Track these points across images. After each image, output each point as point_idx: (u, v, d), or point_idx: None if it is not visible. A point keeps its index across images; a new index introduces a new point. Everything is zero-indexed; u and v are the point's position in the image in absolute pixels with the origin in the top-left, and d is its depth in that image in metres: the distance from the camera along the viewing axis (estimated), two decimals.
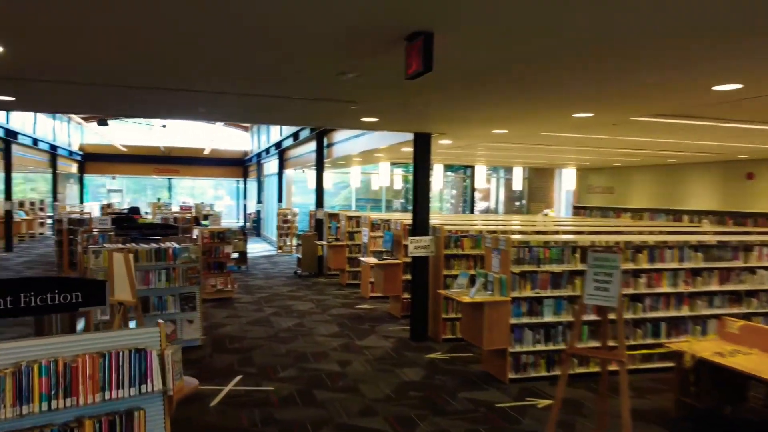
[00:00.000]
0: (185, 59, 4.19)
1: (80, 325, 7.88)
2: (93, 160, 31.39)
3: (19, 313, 2.86)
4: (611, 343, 5.73)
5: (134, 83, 5.08)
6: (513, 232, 8.99)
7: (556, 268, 6.85)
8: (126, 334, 3.15)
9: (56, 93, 5.65)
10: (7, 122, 18.63)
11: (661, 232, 9.61)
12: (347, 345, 8.11)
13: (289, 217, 19.67)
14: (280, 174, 21.77)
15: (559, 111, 6.27)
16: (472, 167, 22.00)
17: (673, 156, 12.58)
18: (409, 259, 9.00)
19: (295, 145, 19.56)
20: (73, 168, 30.17)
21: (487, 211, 27.59)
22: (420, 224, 8.39)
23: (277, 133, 22.02)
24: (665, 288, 7.20)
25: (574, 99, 5.52)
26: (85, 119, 30.11)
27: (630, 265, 7.04)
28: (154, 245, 7.76)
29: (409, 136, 9.15)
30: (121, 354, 3.01)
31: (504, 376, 6.67)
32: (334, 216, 14.67)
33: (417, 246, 8.26)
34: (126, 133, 32.25)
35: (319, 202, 15.14)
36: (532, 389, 6.44)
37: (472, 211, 23.48)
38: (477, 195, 25.07)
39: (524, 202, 25.13)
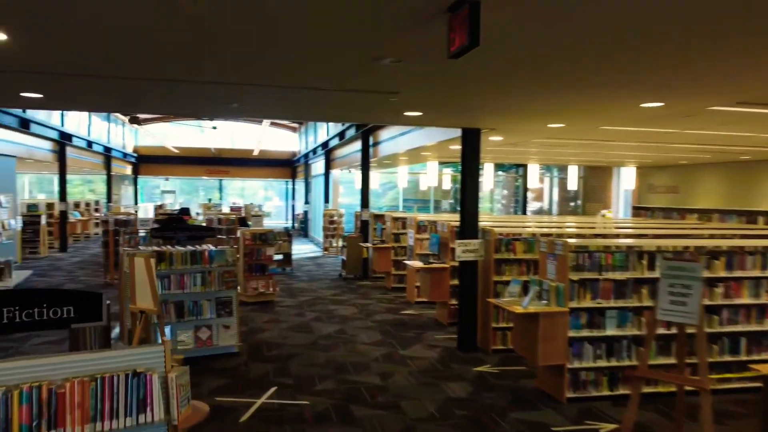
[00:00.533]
0: (208, 49, 3.81)
1: (116, 329, 7.71)
2: (147, 161, 32.08)
3: (1, 330, 2.51)
4: (688, 361, 5.04)
5: (160, 76, 4.75)
6: (569, 235, 8.31)
7: (619, 275, 6.16)
8: (124, 355, 2.75)
9: (82, 89, 5.40)
10: (62, 125, 19.04)
11: (734, 236, 8.71)
12: (390, 355, 7.62)
13: (335, 218, 19.37)
14: (326, 174, 21.52)
15: (625, 100, 5.59)
16: (525, 166, 21.17)
17: (748, 152, 11.53)
18: (456, 264, 8.45)
19: (341, 145, 19.25)
20: (128, 170, 30.89)
21: (540, 212, 26.60)
22: (468, 226, 7.83)
23: (324, 133, 21.79)
24: (745, 299, 6.39)
25: (645, 85, 4.85)
26: (137, 122, 30.78)
27: (704, 273, 6.27)
28: (190, 248, 7.49)
29: (457, 133, 8.59)
30: (116, 378, 2.61)
31: (561, 394, 6.03)
32: (379, 217, 14.22)
33: (465, 250, 7.70)
34: (178, 135, 32.86)
35: (365, 202, 14.73)
36: (592, 410, 5.78)
37: (524, 212, 22.63)
38: (529, 195, 24.17)
39: (579, 202, 24.08)
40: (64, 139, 18.89)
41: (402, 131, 12.20)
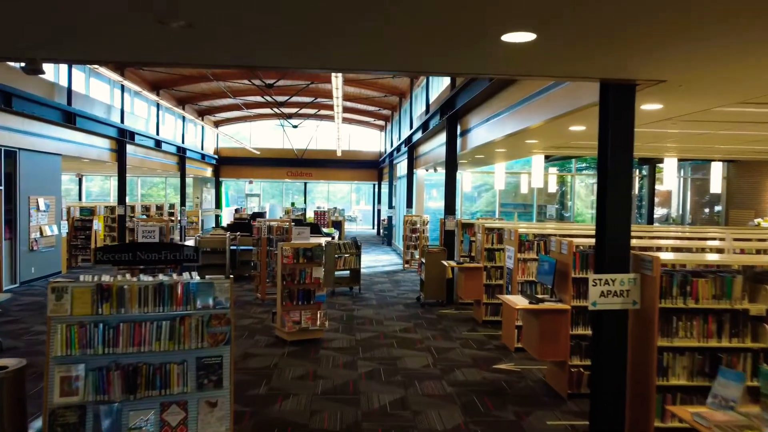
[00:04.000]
0: None
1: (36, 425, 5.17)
2: (228, 163, 30.76)
3: None
4: None
5: None
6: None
7: None
8: None
9: None
10: (122, 121, 17.50)
11: None
12: None
13: (417, 226, 16.41)
14: (409, 174, 18.62)
15: None
16: (652, 162, 17.12)
17: None
18: (583, 304, 5.26)
19: (426, 139, 16.29)
20: (208, 172, 29.66)
21: (666, 220, 22.13)
22: (612, 250, 4.58)
23: (407, 128, 18.95)
24: None
25: None
26: (216, 123, 29.50)
27: None
28: (163, 277, 4.81)
29: (586, 99, 5.41)
30: None
31: None
32: (468, 227, 11.10)
33: (607, 291, 4.46)
34: (259, 135, 31.33)
35: (450, 207, 11.62)
36: None
37: (650, 221, 18.44)
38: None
39: (720, 208, 19.54)
40: (122, 137, 17.32)
41: (499, 111, 9.04)
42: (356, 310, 10.46)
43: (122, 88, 17.56)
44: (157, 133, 20.95)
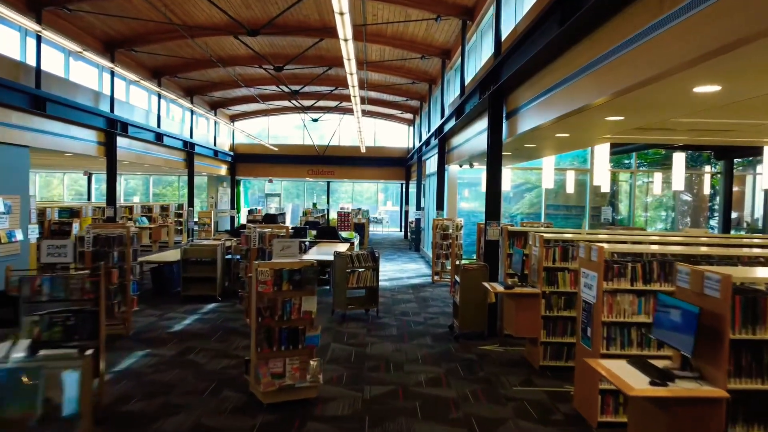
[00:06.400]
0: None
1: None
2: (245, 161, 28.63)
3: None
4: None
5: None
6: None
7: None
8: None
9: None
10: (111, 111, 15.36)
11: None
12: None
13: (449, 231, 13.82)
14: (440, 170, 16.06)
15: None
16: (731, 154, 14.20)
17: None
18: (746, 386, 2.70)
19: (460, 128, 13.70)
20: (222, 170, 27.53)
21: (738, 224, 19.05)
22: None
23: (438, 117, 16.40)
24: None
25: None
26: (231, 117, 27.40)
27: None
28: None
29: (749, 25, 2.84)
30: None
31: None
32: (517, 236, 8.50)
33: None
34: (278, 130, 29.19)
35: (492, 211, 9.01)
36: None
37: (726, 229, 15.35)
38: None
39: None
40: (113, 128, 15.19)
41: (564, 77, 6.42)
42: (369, 345, 7.97)
43: (112, 73, 15.43)
44: (158, 126, 18.83)
